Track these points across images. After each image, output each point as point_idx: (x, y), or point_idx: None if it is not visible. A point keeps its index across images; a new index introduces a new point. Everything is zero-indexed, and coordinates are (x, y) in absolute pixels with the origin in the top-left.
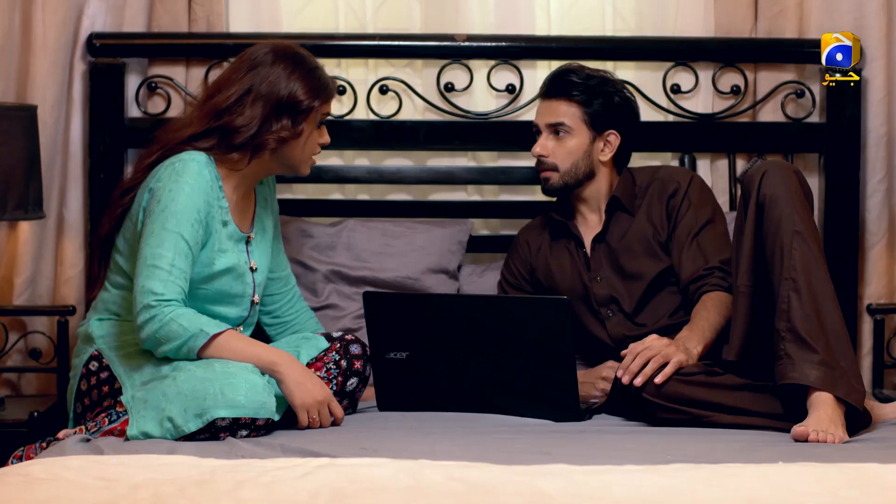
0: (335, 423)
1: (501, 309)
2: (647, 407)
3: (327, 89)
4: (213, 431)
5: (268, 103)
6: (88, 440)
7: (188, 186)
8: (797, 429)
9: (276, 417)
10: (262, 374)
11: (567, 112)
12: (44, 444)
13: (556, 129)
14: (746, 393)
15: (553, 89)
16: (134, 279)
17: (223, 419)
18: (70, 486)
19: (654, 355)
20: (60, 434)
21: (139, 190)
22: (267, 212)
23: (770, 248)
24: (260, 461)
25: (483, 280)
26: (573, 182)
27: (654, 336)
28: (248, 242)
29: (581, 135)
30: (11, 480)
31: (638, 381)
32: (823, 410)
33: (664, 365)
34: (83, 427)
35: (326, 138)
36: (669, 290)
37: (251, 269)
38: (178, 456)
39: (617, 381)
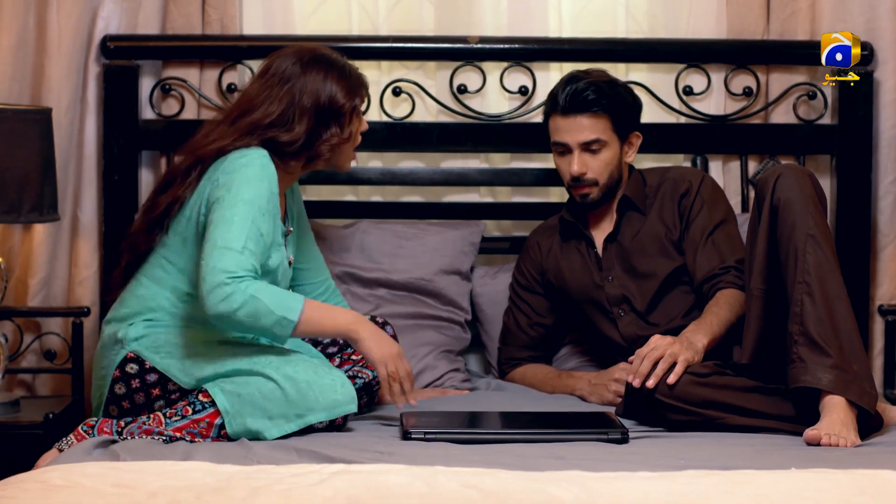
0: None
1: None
2: (660, 409)
3: (362, 85)
4: (308, 430)
5: (312, 115)
6: (113, 442)
7: (256, 178)
8: (809, 432)
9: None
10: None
11: (596, 126)
12: (121, 424)
13: (590, 144)
14: (758, 395)
15: (576, 105)
16: (200, 262)
17: (320, 423)
18: (87, 492)
19: (660, 356)
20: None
21: (194, 194)
22: (296, 205)
23: (784, 252)
24: (275, 467)
25: (496, 281)
26: (609, 192)
27: (657, 336)
28: (286, 236)
29: (614, 145)
30: (29, 487)
31: (650, 384)
32: (836, 414)
33: (675, 365)
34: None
35: (365, 125)
36: (682, 290)
37: (289, 263)
38: (194, 462)
39: (629, 383)
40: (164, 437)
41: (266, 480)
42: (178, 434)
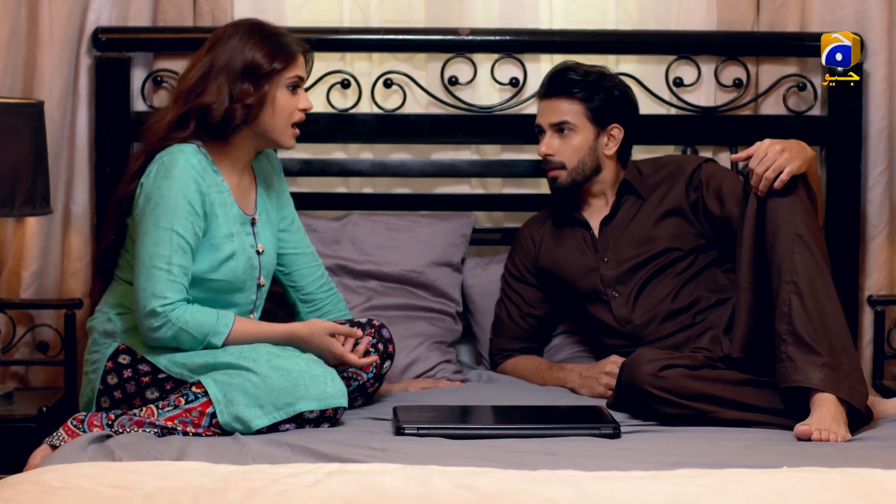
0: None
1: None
2: (652, 402)
3: (288, 50)
4: (300, 422)
5: (230, 75)
6: (108, 437)
7: (177, 180)
8: (800, 427)
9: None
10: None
11: (569, 110)
12: (111, 417)
13: (560, 127)
14: (750, 388)
15: (553, 88)
16: (134, 278)
17: (311, 412)
18: (84, 494)
19: (770, 165)
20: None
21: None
22: (270, 192)
23: (770, 249)
24: (271, 467)
25: (487, 273)
26: (581, 179)
27: (766, 142)
28: (253, 224)
29: (585, 131)
30: (26, 489)
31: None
32: (826, 409)
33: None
34: (137, 414)
35: (307, 103)
36: (676, 270)
37: (258, 252)
38: (190, 462)
39: (621, 375)
40: (157, 430)
41: (262, 481)
42: (170, 423)
